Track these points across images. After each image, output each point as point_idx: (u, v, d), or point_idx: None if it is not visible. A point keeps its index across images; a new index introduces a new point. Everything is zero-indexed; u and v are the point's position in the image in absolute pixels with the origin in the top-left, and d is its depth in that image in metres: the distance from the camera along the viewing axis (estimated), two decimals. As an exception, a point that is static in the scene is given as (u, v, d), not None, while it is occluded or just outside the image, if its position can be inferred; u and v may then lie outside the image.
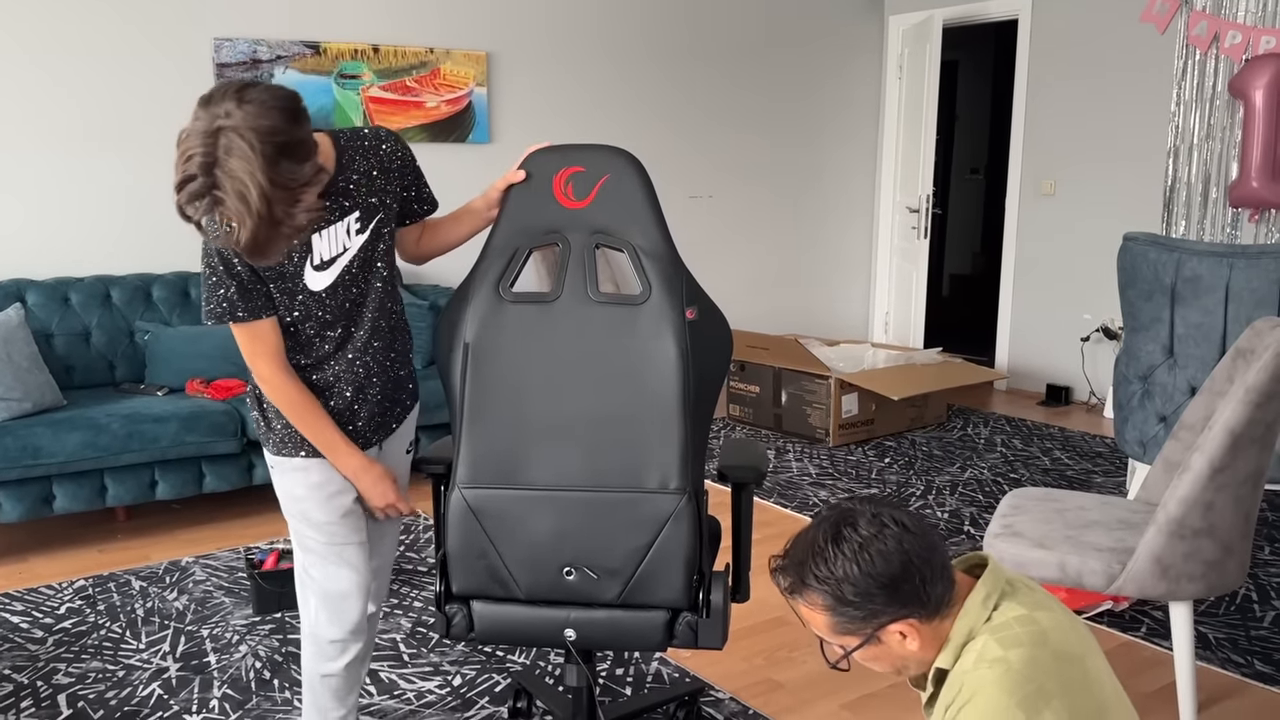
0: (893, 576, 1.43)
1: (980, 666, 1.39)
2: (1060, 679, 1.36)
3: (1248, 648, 3.07)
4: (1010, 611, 1.44)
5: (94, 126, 4.45)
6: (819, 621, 1.49)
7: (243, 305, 1.97)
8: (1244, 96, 5.15)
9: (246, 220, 1.69)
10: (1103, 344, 6.06)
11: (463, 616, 2.20)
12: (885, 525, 1.45)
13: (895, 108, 6.84)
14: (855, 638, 1.48)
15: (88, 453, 3.67)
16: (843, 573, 1.43)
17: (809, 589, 1.47)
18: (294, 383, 2.04)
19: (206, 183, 1.68)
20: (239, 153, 1.67)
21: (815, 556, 1.46)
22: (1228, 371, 2.55)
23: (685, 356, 2.08)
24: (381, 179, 2.07)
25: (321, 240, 2.00)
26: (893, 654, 1.50)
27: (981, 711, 1.35)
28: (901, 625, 1.46)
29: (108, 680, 2.87)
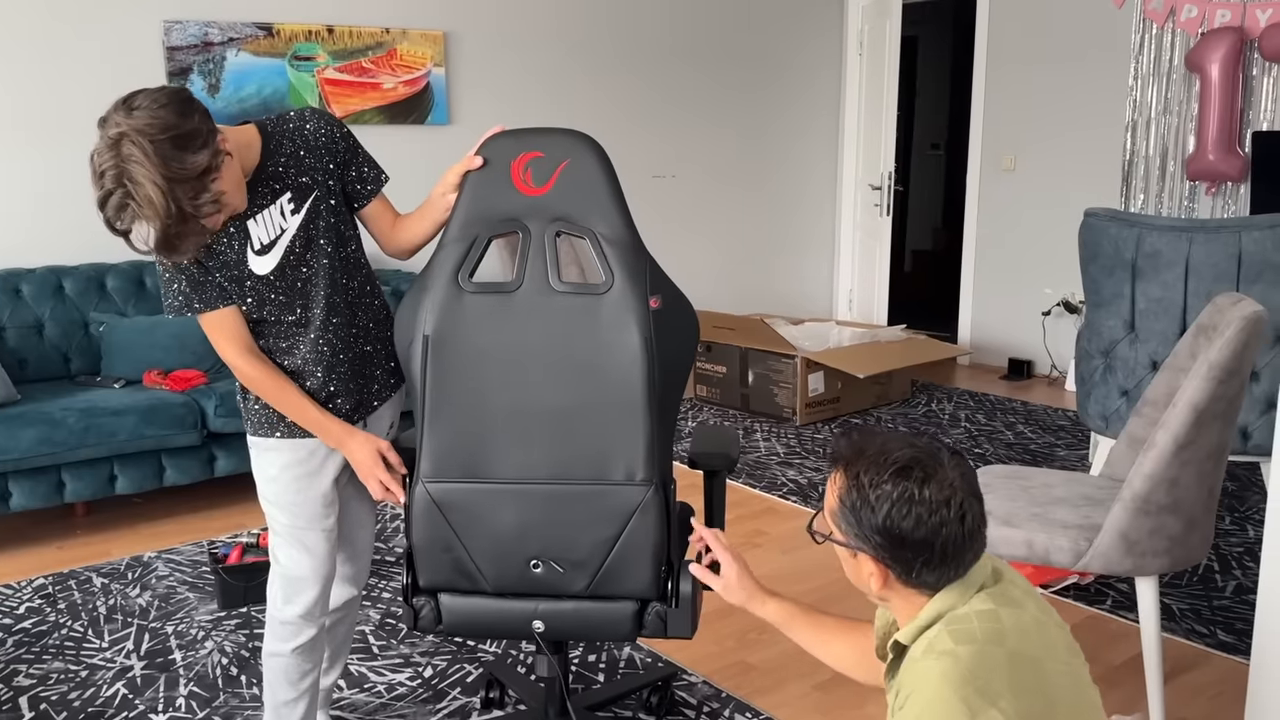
0: (904, 538, 1.41)
1: (928, 658, 1.37)
2: (1010, 679, 1.34)
3: (1210, 618, 3.11)
4: (976, 604, 1.43)
5: (42, 113, 4.34)
6: (831, 499, 1.50)
7: (197, 297, 2.01)
8: (1200, 70, 5.20)
9: (155, 220, 1.76)
10: (1064, 318, 6.12)
11: (430, 609, 2.18)
12: (947, 504, 1.41)
13: (856, 85, 6.84)
14: (842, 535, 1.49)
15: (44, 448, 3.60)
16: (875, 497, 1.42)
17: (843, 474, 1.47)
18: (264, 366, 2.07)
19: (124, 193, 1.75)
20: (136, 158, 1.73)
21: (875, 463, 1.44)
22: (1190, 347, 2.57)
23: (649, 346, 2.05)
24: (310, 158, 2.08)
25: (258, 225, 2.03)
26: (856, 574, 1.52)
27: (926, 702, 1.33)
28: (878, 567, 1.46)
29: (70, 681, 2.82)
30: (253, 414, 2.16)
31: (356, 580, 2.42)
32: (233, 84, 4.75)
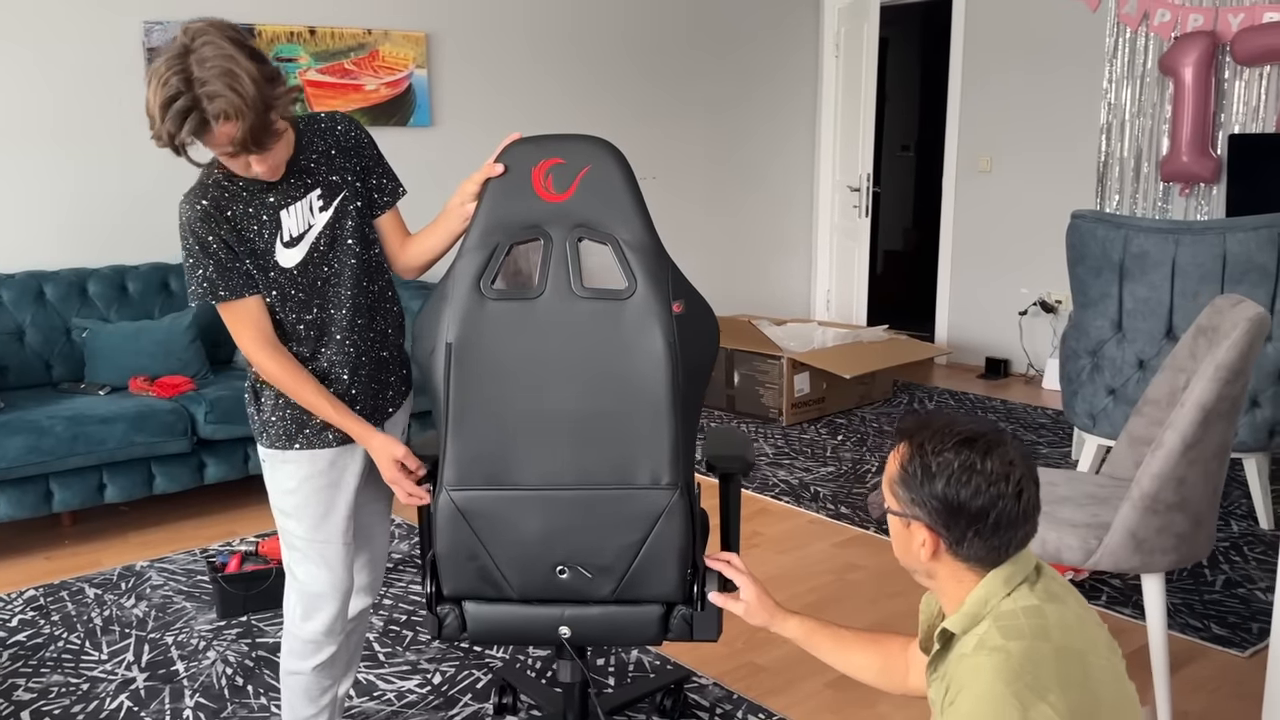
0: (961, 506, 1.44)
1: (979, 653, 1.40)
2: (1058, 674, 1.37)
3: (1204, 612, 3.18)
4: (1021, 600, 1.46)
5: (20, 116, 4.27)
6: (891, 470, 1.54)
7: (223, 284, 1.98)
8: (1174, 74, 5.29)
9: (243, 109, 1.75)
10: (1040, 317, 6.21)
11: (455, 617, 2.17)
12: (1006, 479, 1.44)
13: (833, 87, 6.89)
14: (898, 504, 1.52)
15: (31, 457, 3.54)
16: (936, 465, 1.45)
17: (906, 445, 1.51)
18: (285, 360, 2.04)
19: (191, 97, 1.74)
20: (213, 52, 1.74)
21: (940, 435, 1.48)
22: (1189, 348, 2.62)
23: (673, 350, 2.05)
24: (340, 158, 2.09)
25: (289, 216, 2.03)
26: (908, 546, 1.54)
27: (977, 697, 1.36)
28: (930, 536, 1.49)
29: (72, 694, 2.78)
30: (269, 426, 2.12)
31: (372, 589, 2.41)
32: (214, 86, 4.68)
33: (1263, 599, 3.26)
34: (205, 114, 1.75)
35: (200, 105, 1.75)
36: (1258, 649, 2.94)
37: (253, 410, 2.16)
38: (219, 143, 1.81)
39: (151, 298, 4.39)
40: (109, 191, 4.50)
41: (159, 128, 1.77)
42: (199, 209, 1.95)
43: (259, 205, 1.99)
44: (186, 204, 1.96)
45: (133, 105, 4.51)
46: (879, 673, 1.85)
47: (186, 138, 1.78)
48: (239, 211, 1.97)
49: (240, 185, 1.98)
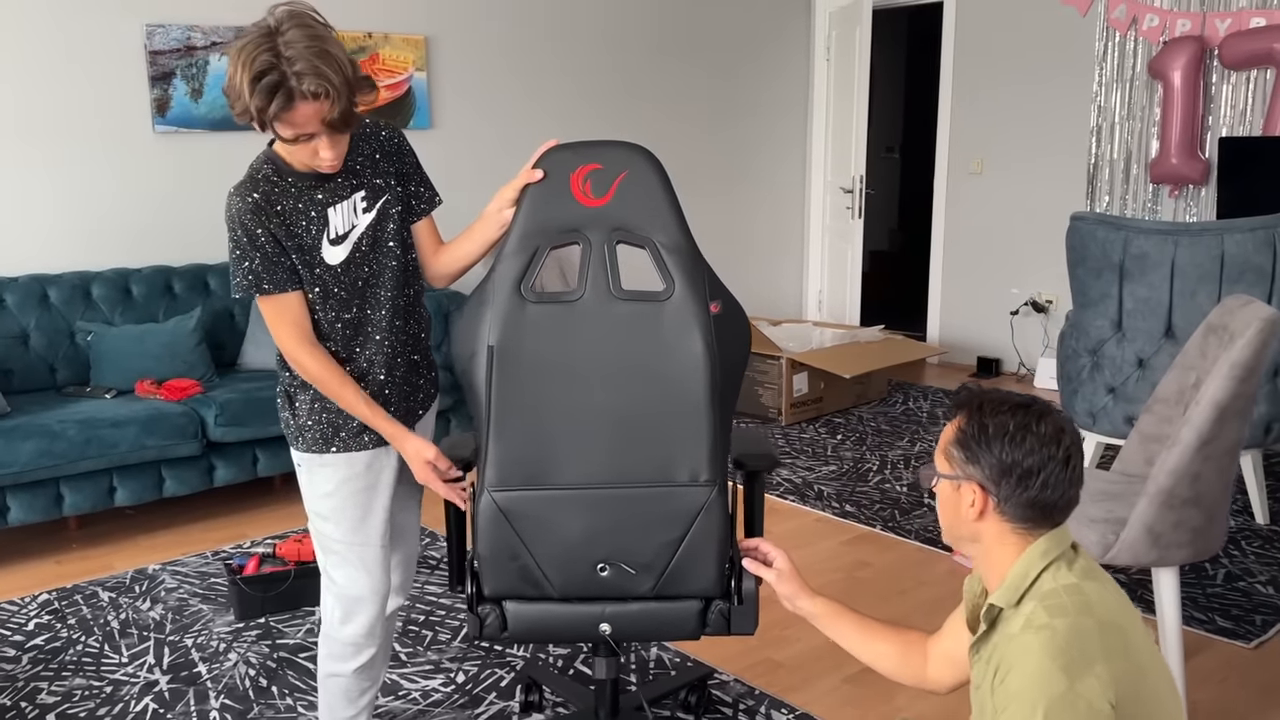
0: (1014, 464, 1.51)
1: (1026, 633, 1.46)
2: (1103, 646, 1.43)
3: (1206, 605, 3.25)
4: (1061, 579, 1.52)
5: (22, 118, 4.25)
6: (946, 436, 1.61)
7: (267, 278, 2.00)
8: (1163, 77, 5.39)
9: (334, 89, 1.81)
10: (1031, 316, 6.29)
11: (496, 617, 2.19)
12: (1056, 443, 1.52)
13: (824, 90, 6.95)
14: (950, 468, 1.58)
15: (44, 461, 3.53)
16: (993, 426, 1.53)
17: (965, 410, 1.58)
18: (324, 358, 2.06)
19: (280, 73, 1.78)
20: (301, 34, 1.80)
21: (997, 403, 1.56)
22: (1199, 347, 2.69)
23: (712, 350, 2.10)
24: (384, 162, 2.13)
25: (336, 214, 2.06)
26: (955, 510, 1.60)
27: (1026, 674, 1.41)
28: (981, 493, 1.55)
29: (96, 697, 2.78)
30: (304, 430, 2.14)
31: (404, 589, 2.43)
32: (216, 88, 4.69)
33: (1263, 592, 3.34)
34: (293, 91, 1.79)
35: (289, 82, 1.79)
36: (1263, 640, 3.02)
37: (287, 415, 2.17)
38: (299, 121, 1.84)
39: (155, 301, 4.38)
40: (112, 195, 4.49)
41: (246, 102, 1.80)
42: (250, 202, 1.97)
43: (308, 201, 2.02)
44: (237, 197, 1.98)
45: (135, 108, 4.50)
46: (898, 662, 1.89)
47: (273, 113, 1.81)
48: (288, 207, 2.00)
49: (289, 181, 2.01)
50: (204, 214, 4.69)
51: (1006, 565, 1.56)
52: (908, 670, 1.89)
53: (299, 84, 1.79)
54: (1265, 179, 4.82)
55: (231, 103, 1.85)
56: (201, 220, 4.68)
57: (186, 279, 4.49)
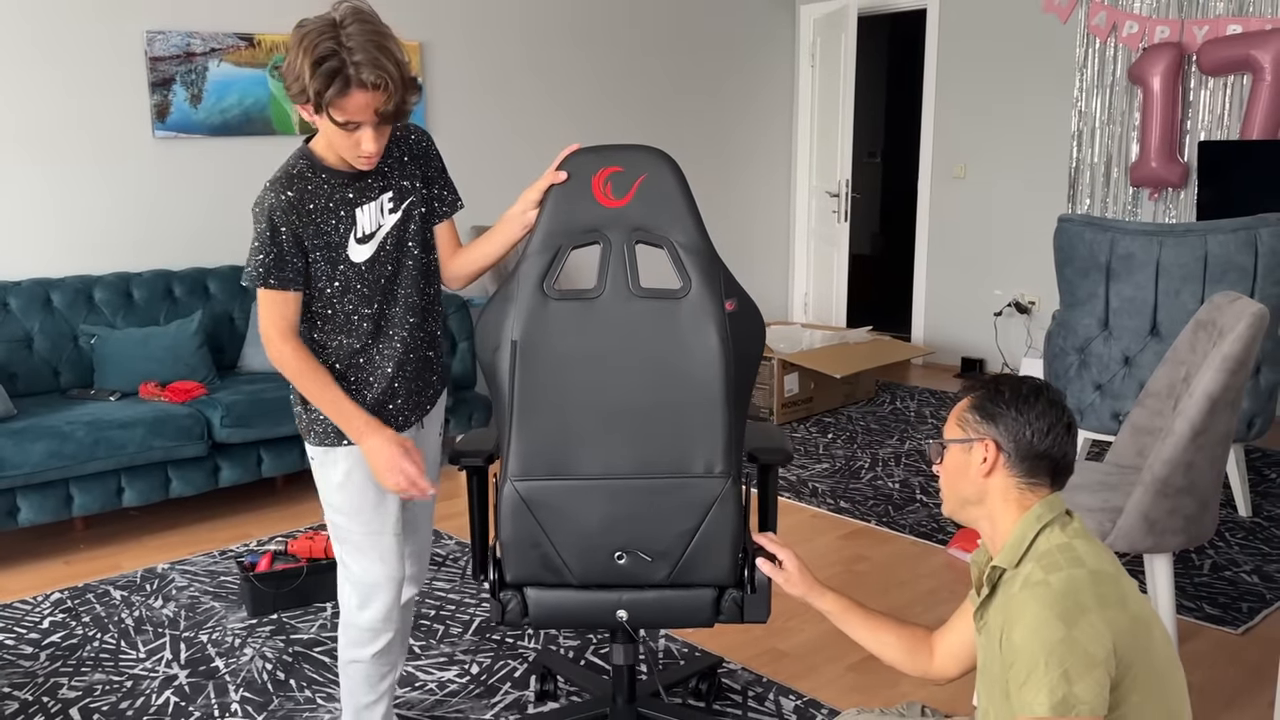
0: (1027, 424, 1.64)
1: (1024, 590, 1.57)
2: (1096, 594, 1.54)
3: (1194, 594, 3.36)
4: (1054, 539, 1.63)
5: (24, 124, 4.28)
6: (959, 408, 1.74)
7: (275, 273, 2.07)
8: (1142, 83, 5.53)
9: (390, 82, 1.91)
10: (1014, 317, 6.42)
11: (517, 603, 2.27)
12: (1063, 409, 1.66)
13: (809, 96, 7.06)
14: (962, 433, 1.71)
15: (53, 462, 3.57)
16: (1008, 394, 1.67)
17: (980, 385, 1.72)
18: (302, 350, 2.11)
19: (340, 60, 1.87)
20: (362, 29, 1.89)
21: (1003, 379, 1.71)
22: (1190, 342, 2.79)
23: (726, 346, 2.18)
24: (412, 164, 2.21)
25: (363, 214, 2.13)
26: (964, 471, 1.71)
27: (1027, 627, 1.52)
28: (994, 448, 1.66)
29: (117, 691, 2.83)
30: (316, 424, 2.19)
31: (418, 579, 2.50)
32: (215, 94, 4.74)
33: (1249, 580, 3.45)
34: (350, 79, 1.88)
35: (347, 70, 1.88)
36: (1250, 626, 3.13)
37: (300, 410, 2.22)
38: (352, 109, 1.92)
39: (157, 304, 4.42)
40: (113, 200, 4.52)
41: (305, 83, 1.89)
42: (283, 199, 2.04)
43: (339, 200, 2.08)
44: (272, 192, 2.04)
45: (136, 114, 4.54)
46: (906, 653, 1.99)
47: (330, 98, 1.89)
48: (319, 205, 2.07)
49: (323, 178, 2.07)
50: (203, 218, 4.74)
51: (1009, 525, 1.67)
52: (914, 661, 1.98)
53: (357, 73, 1.88)
54: (1243, 182, 4.96)
55: (289, 84, 1.93)
56: (201, 224, 4.73)
57: (187, 283, 4.53)
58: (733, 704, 2.76)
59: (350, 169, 2.10)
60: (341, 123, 1.95)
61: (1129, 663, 1.50)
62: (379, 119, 1.96)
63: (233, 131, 4.79)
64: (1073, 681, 1.45)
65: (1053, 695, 1.45)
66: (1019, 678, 1.50)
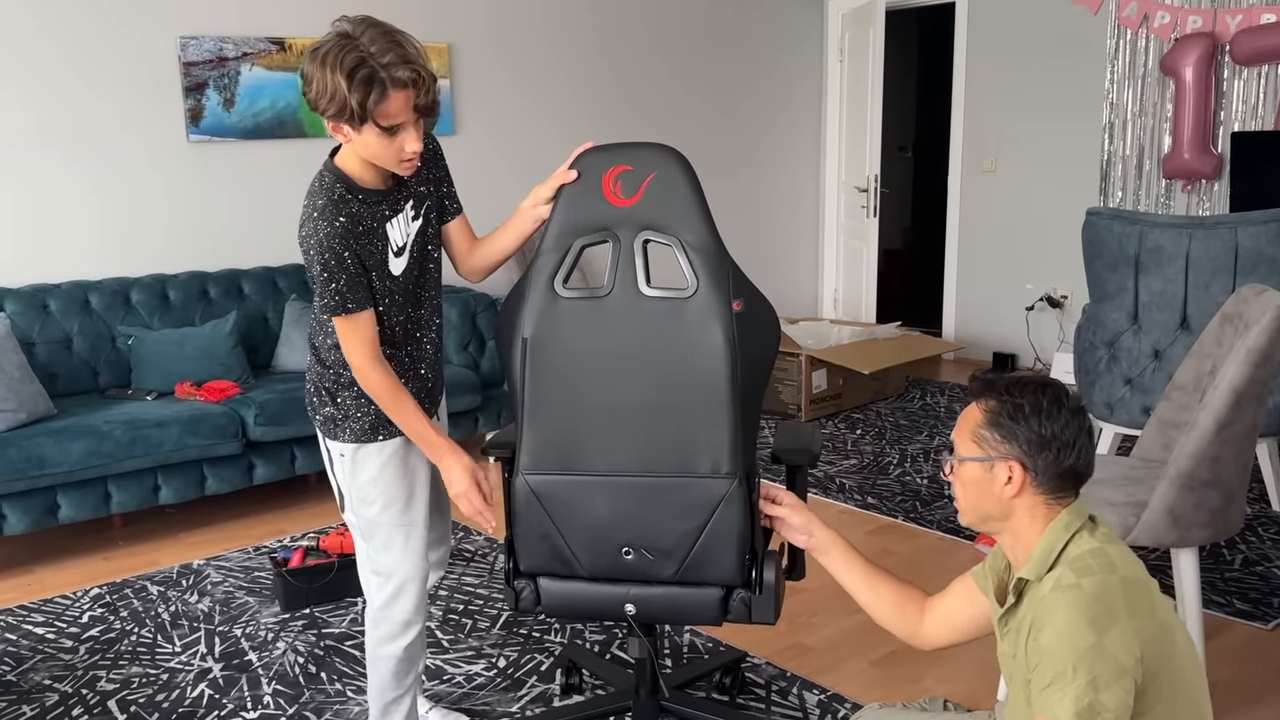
0: (1053, 437, 1.60)
1: (1055, 592, 1.55)
2: (1127, 601, 1.52)
3: (1224, 588, 3.33)
4: (1085, 544, 1.61)
5: (62, 129, 4.38)
6: (971, 421, 1.68)
7: (351, 298, 2.09)
8: (1174, 74, 5.46)
9: (422, 78, 1.94)
10: (1046, 312, 6.37)
11: (530, 591, 2.30)
12: (1083, 414, 1.62)
13: (838, 90, 7.04)
14: (980, 450, 1.65)
15: (93, 460, 3.66)
16: (1026, 405, 1.61)
17: (991, 395, 1.66)
18: (387, 373, 2.15)
19: (371, 67, 1.90)
20: (377, 34, 1.92)
21: (1019, 386, 1.64)
22: (1215, 335, 2.77)
23: (733, 346, 2.17)
24: (425, 169, 2.25)
25: (393, 228, 2.17)
26: (989, 490, 1.65)
27: (1057, 631, 1.51)
28: (1017, 467, 1.62)
29: (153, 684, 2.90)
30: (351, 420, 2.23)
31: (442, 563, 2.56)
32: (247, 98, 4.82)
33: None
34: (386, 81, 1.91)
35: (380, 74, 1.91)
36: (1280, 621, 3.10)
37: (329, 409, 2.25)
38: (394, 111, 1.95)
39: (192, 305, 4.50)
40: (149, 203, 4.61)
41: (345, 97, 1.91)
42: (338, 226, 2.06)
43: (378, 219, 2.13)
44: (324, 221, 2.05)
45: (170, 118, 4.63)
46: (894, 611, 1.98)
47: (371, 104, 1.92)
48: (366, 228, 2.11)
49: (361, 199, 2.10)
50: (237, 220, 4.82)
51: (1034, 539, 1.65)
52: (903, 621, 1.97)
53: (390, 74, 1.91)
54: (1277, 173, 4.89)
55: (323, 106, 1.95)
56: (235, 226, 4.81)
57: (221, 284, 4.61)
58: (756, 698, 2.78)
59: (381, 185, 2.14)
60: (386, 127, 1.98)
61: (1154, 671, 1.49)
62: (418, 115, 2.00)
63: (265, 134, 4.87)
64: (1099, 689, 1.44)
65: (1078, 702, 1.44)
66: (1043, 680, 1.49)
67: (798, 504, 2.15)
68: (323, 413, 2.28)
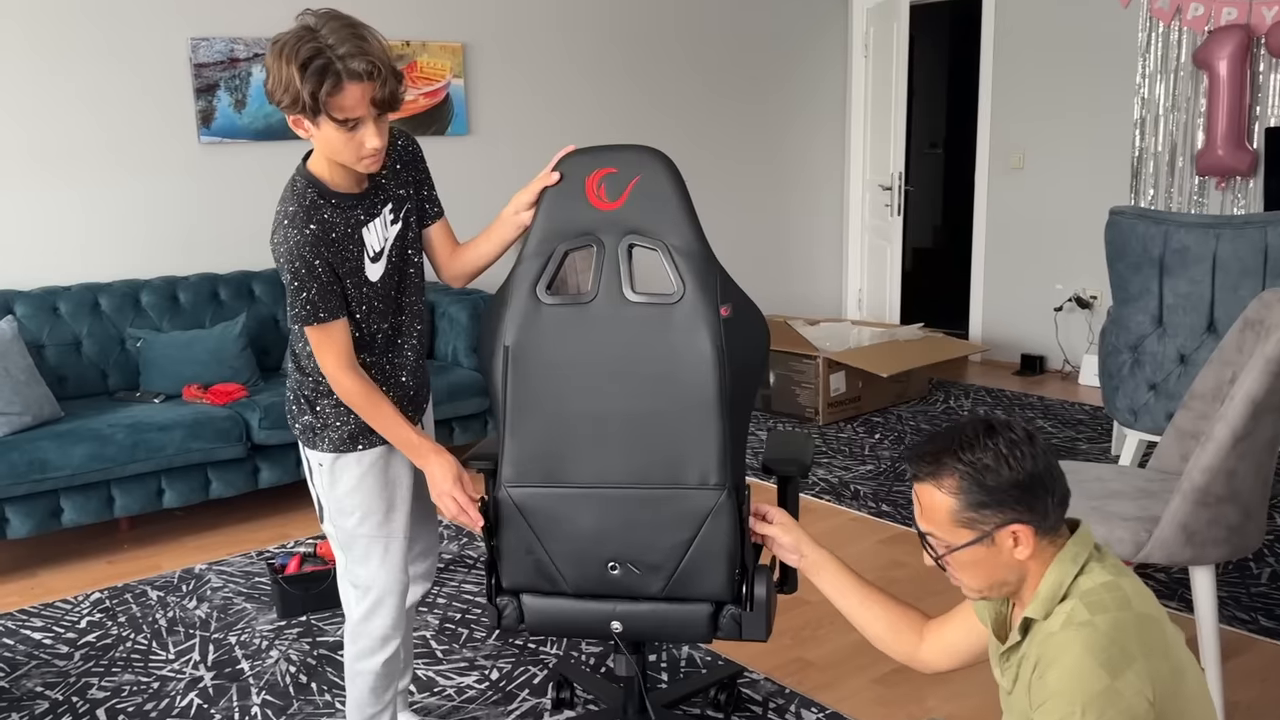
0: (1033, 478, 1.48)
1: (1067, 629, 1.45)
2: (1142, 642, 1.43)
3: (1250, 604, 3.20)
4: (1098, 577, 1.51)
5: (74, 131, 4.38)
6: (942, 508, 1.51)
7: (323, 306, 2.04)
8: (1208, 67, 5.29)
9: (380, 69, 1.88)
10: (1075, 313, 6.21)
11: (513, 609, 2.24)
12: (1033, 438, 1.50)
13: (862, 87, 6.91)
14: (971, 532, 1.51)
15: (95, 464, 3.64)
16: (990, 462, 1.47)
17: (947, 472, 1.50)
18: (364, 380, 2.10)
19: (327, 58, 1.85)
20: (338, 26, 1.88)
21: (963, 445, 1.49)
22: (1237, 342, 2.64)
23: (721, 353, 2.09)
24: (404, 172, 2.19)
25: (370, 233, 2.11)
26: (998, 561, 1.53)
27: (1066, 670, 1.41)
28: (1020, 528, 1.49)
29: (143, 692, 2.87)
30: (330, 429, 2.17)
31: (428, 575, 2.49)
32: (258, 99, 4.79)
33: (1309, 591, 3.27)
34: (341, 72, 1.85)
35: (335, 66, 1.85)
36: (1306, 640, 2.96)
37: (308, 418, 2.19)
38: (349, 104, 1.89)
39: (202, 308, 4.49)
40: (159, 205, 4.61)
41: (297, 89, 1.85)
42: (308, 234, 2.00)
43: (353, 224, 2.07)
44: (294, 229, 2.00)
45: (181, 120, 4.62)
46: (890, 632, 1.88)
47: (324, 96, 1.86)
48: (339, 234, 2.05)
49: (333, 203, 2.05)
50: (248, 222, 4.80)
51: (1039, 576, 1.54)
52: (898, 643, 1.88)
53: (346, 65, 1.85)
54: (1314, 169, 4.71)
55: (278, 98, 1.90)
56: (246, 228, 4.79)
57: (232, 286, 4.59)
58: (752, 715, 2.69)
59: (354, 189, 2.08)
60: (341, 120, 1.92)
61: (1163, 713, 1.40)
62: (376, 110, 1.93)
63: (276, 136, 4.84)
64: None
65: None
66: None
67: (789, 522, 2.06)
68: (301, 421, 2.22)
